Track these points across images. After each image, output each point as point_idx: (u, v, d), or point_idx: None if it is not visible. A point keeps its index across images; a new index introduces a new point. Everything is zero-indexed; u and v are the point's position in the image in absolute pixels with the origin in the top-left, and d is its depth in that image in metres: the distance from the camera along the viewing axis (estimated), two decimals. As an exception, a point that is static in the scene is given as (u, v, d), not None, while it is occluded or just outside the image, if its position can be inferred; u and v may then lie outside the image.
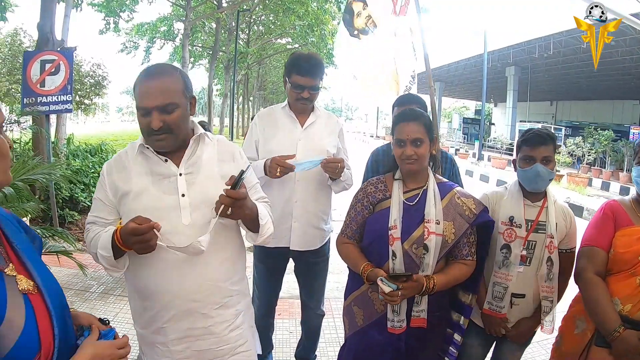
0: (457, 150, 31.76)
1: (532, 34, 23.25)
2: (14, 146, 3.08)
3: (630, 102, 30.74)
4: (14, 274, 1.14)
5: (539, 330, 2.50)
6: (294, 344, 3.71)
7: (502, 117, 36.58)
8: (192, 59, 23.29)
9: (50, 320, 1.13)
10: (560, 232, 2.35)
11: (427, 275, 2.11)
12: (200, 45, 25.50)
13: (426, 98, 3.36)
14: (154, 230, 1.66)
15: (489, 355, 2.69)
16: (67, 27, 7.66)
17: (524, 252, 2.34)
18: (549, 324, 2.40)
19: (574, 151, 20.66)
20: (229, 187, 1.73)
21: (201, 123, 3.26)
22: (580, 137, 21.81)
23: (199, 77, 58.37)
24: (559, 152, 21.55)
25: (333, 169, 2.71)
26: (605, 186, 17.76)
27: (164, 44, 23.24)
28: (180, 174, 1.88)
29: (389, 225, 2.15)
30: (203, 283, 1.88)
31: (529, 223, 2.36)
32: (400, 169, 2.26)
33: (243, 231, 2.05)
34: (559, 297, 2.40)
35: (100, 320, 1.36)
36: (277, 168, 2.64)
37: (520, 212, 2.37)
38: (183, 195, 1.86)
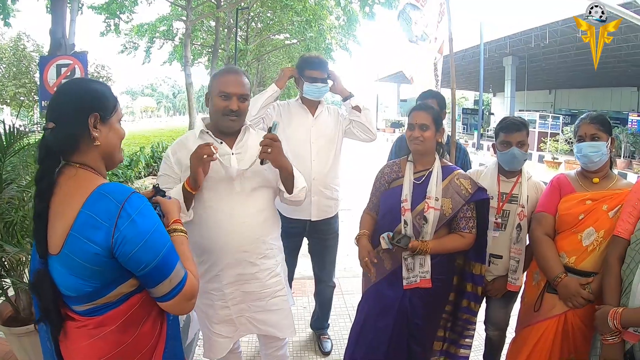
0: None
1: (528, 24, 23.31)
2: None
3: (629, 89, 30.74)
4: None
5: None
6: (308, 317, 4.19)
7: (502, 106, 36.60)
8: (191, 57, 23.47)
9: None
10: (532, 203, 2.78)
11: (424, 240, 2.53)
12: (199, 43, 25.65)
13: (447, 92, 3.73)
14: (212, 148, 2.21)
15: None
16: (73, 31, 7.84)
17: (499, 220, 2.82)
18: (515, 281, 2.82)
19: (571, 139, 20.66)
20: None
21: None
22: (578, 125, 21.72)
23: (196, 75, 58.38)
24: (557, 140, 21.76)
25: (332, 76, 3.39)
26: (603, 172, 17.68)
27: (163, 43, 23.40)
28: (233, 154, 2.44)
29: (401, 199, 2.59)
30: (250, 237, 2.41)
31: (504, 195, 2.82)
32: (410, 149, 2.70)
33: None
34: (531, 259, 2.81)
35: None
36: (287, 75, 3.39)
37: (494, 186, 2.84)
38: None
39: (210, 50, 23.25)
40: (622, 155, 20.94)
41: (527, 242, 2.81)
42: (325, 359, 3.78)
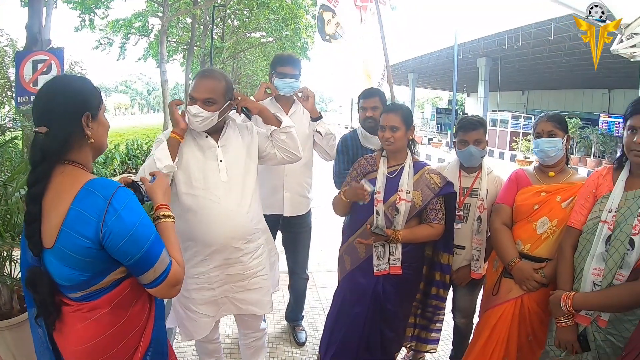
0: (430, 139, 32.48)
1: (502, 26, 23.72)
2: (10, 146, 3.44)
3: (600, 91, 31.51)
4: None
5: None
6: (283, 309, 4.28)
7: (475, 107, 37.07)
8: (166, 54, 23.17)
9: None
10: (491, 196, 2.99)
11: (396, 230, 2.70)
12: (174, 40, 25.40)
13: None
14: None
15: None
16: (48, 26, 7.73)
17: (461, 213, 3.01)
18: (478, 269, 3.02)
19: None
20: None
21: None
22: (549, 125, 22.19)
23: (171, 72, 57.65)
24: (529, 140, 22.17)
25: (306, 92, 3.49)
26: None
27: (138, 39, 23.13)
28: (219, 146, 2.61)
29: (375, 191, 2.74)
30: (237, 225, 2.56)
31: (465, 189, 3.02)
32: (383, 148, 2.87)
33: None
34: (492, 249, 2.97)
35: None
36: (264, 87, 3.50)
37: (456, 181, 3.01)
38: (221, 160, 2.59)
39: (185, 47, 23.05)
40: (592, 155, 21.47)
41: (489, 234, 2.97)
42: (300, 349, 3.90)
